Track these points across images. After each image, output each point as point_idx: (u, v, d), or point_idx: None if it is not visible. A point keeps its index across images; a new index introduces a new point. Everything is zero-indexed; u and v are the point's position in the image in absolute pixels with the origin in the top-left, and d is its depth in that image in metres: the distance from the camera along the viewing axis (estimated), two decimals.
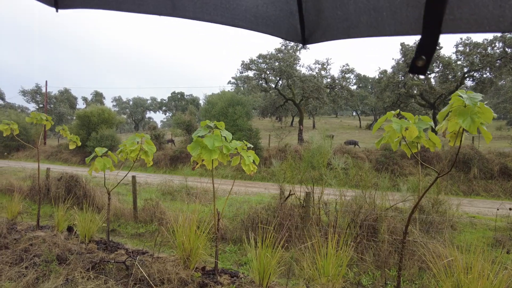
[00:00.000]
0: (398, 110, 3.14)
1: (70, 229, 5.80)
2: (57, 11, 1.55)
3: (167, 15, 1.47)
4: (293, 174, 6.12)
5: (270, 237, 3.78)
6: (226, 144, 3.87)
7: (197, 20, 1.47)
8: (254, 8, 1.36)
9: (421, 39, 0.82)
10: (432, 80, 25.35)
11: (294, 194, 5.76)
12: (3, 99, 57.76)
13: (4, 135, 6.00)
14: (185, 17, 1.47)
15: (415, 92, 25.11)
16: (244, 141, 4.13)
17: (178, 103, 66.95)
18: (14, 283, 3.74)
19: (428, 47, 0.82)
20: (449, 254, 3.94)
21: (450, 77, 23.59)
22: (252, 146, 4.17)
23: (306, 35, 1.43)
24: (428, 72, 23.99)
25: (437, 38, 0.81)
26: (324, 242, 3.84)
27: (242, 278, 4.02)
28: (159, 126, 60.73)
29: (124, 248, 5.16)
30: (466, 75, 23.27)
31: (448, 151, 14.52)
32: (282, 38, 1.51)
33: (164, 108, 70.20)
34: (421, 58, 0.81)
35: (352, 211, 5.51)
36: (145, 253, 4.86)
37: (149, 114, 74.03)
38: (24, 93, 53.56)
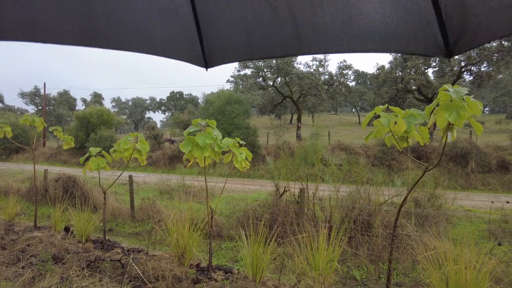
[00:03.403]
0: (387, 105, 3.16)
1: (67, 229, 5.83)
2: (206, 70, 1.75)
3: (294, 54, 1.55)
4: (287, 171, 6.15)
5: (263, 233, 3.82)
6: (218, 142, 3.90)
7: (319, 53, 1.49)
8: (384, 27, 1.22)
9: None
10: (430, 74, 25.36)
11: (289, 190, 5.79)
12: (2, 101, 57.83)
13: None
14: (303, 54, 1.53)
15: (413, 87, 25.10)
16: (236, 138, 4.16)
17: (177, 102, 66.98)
18: (11, 283, 3.79)
19: None
20: (441, 246, 3.98)
21: (447, 71, 23.59)
22: (244, 143, 4.20)
23: (451, 45, 1.20)
24: (425, 67, 23.99)
25: None
26: (316, 236, 3.88)
27: (236, 274, 4.06)
28: (158, 126, 60.85)
29: (120, 246, 5.20)
30: (463, 69, 23.25)
31: (446, 145, 14.55)
32: (420, 54, 1.35)
33: (163, 107, 70.26)
34: None
35: (347, 206, 5.54)
36: (140, 251, 4.90)
37: (149, 114, 74.15)
38: (23, 95, 53.62)
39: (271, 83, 28.31)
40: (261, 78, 27.59)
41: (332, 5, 1.22)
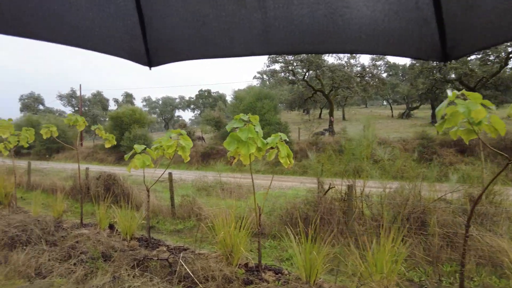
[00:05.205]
0: (463, 89, 2.83)
1: (111, 226, 5.91)
2: (150, 69, 1.65)
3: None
4: (332, 166, 5.88)
5: (314, 232, 3.61)
6: (261, 139, 3.76)
7: (291, 54, 1.30)
8: (373, 23, 1.07)
9: None
10: (471, 63, 23.86)
11: (334, 187, 5.53)
12: (43, 104, 61.05)
13: (44, 137, 6.24)
14: (277, 53, 1.36)
15: (452, 76, 23.73)
16: (279, 133, 3.99)
17: (206, 100, 67.69)
18: (65, 279, 3.83)
19: None
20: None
21: (492, 58, 22.03)
22: (287, 139, 4.02)
23: (448, 47, 1.06)
24: (467, 55, 22.61)
25: None
26: (372, 237, 3.62)
27: (287, 275, 3.88)
28: (188, 124, 61.83)
29: (165, 244, 5.18)
30: (511, 56, 21.64)
31: (491, 138, 13.60)
32: (411, 57, 1.19)
33: (192, 106, 71.30)
34: None
35: (398, 204, 5.21)
36: (186, 249, 4.85)
37: (178, 112, 75.49)
38: (60, 97, 56.32)
39: (301, 77, 27.82)
40: (290, 72, 27.17)
41: None
